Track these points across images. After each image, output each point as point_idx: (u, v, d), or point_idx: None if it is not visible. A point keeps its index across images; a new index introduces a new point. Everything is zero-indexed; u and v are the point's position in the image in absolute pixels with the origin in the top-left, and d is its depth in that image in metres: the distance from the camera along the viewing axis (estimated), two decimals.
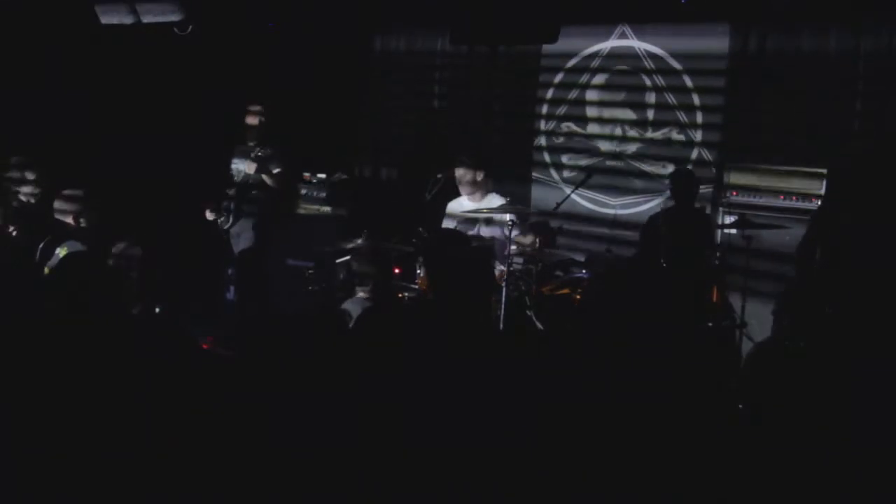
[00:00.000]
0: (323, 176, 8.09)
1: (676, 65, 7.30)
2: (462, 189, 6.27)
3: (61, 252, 4.19)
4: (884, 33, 6.36)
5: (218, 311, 7.25)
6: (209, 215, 6.76)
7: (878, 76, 6.41)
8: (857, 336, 3.88)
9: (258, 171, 6.66)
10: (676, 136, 7.36)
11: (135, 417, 2.52)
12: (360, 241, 5.72)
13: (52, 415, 2.48)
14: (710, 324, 5.64)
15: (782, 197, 6.42)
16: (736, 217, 6.19)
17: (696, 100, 7.25)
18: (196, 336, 3.75)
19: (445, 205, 6.44)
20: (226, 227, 6.77)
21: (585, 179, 6.96)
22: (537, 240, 5.83)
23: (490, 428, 2.55)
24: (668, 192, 7.05)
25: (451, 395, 2.67)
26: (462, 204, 6.33)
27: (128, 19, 6.57)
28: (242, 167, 6.77)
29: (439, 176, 6.24)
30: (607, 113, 7.70)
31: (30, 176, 5.09)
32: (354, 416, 2.55)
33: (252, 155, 6.66)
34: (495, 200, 6.23)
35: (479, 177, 6.22)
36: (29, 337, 2.75)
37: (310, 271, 6.92)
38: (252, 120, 6.81)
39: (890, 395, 2.67)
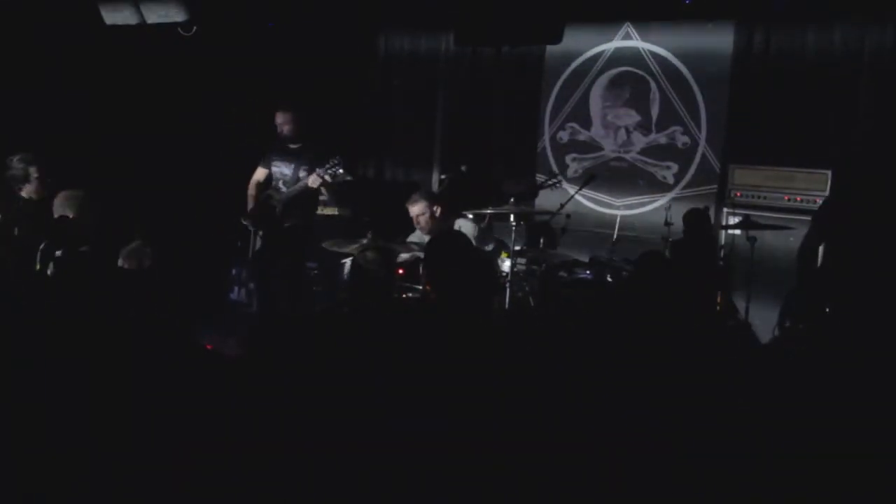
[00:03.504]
0: None
1: (680, 64, 7.29)
2: (420, 228, 5.82)
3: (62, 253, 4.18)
4: (888, 30, 6.35)
5: (222, 312, 7.25)
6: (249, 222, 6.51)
7: (882, 74, 6.40)
8: (857, 337, 3.86)
9: (323, 185, 6.15)
10: (680, 136, 7.35)
11: (135, 418, 2.51)
12: (364, 241, 5.71)
13: (51, 415, 2.47)
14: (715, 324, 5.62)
15: (787, 197, 6.41)
16: (740, 217, 6.18)
17: (699, 99, 7.23)
18: (200, 336, 3.75)
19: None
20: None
21: (589, 180, 6.95)
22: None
23: (493, 428, 2.54)
24: (672, 193, 7.06)
25: (454, 396, 2.66)
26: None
27: (132, 20, 6.57)
28: (288, 171, 6.36)
29: (443, 177, 6.23)
30: (611, 113, 7.70)
31: (32, 175, 5.08)
32: (355, 416, 2.54)
33: (323, 173, 6.06)
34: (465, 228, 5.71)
35: (437, 211, 5.76)
36: (29, 337, 2.75)
37: (314, 272, 6.91)
38: (287, 126, 6.30)
39: (889, 396, 2.66)
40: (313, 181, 6.09)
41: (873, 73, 6.43)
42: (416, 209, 5.71)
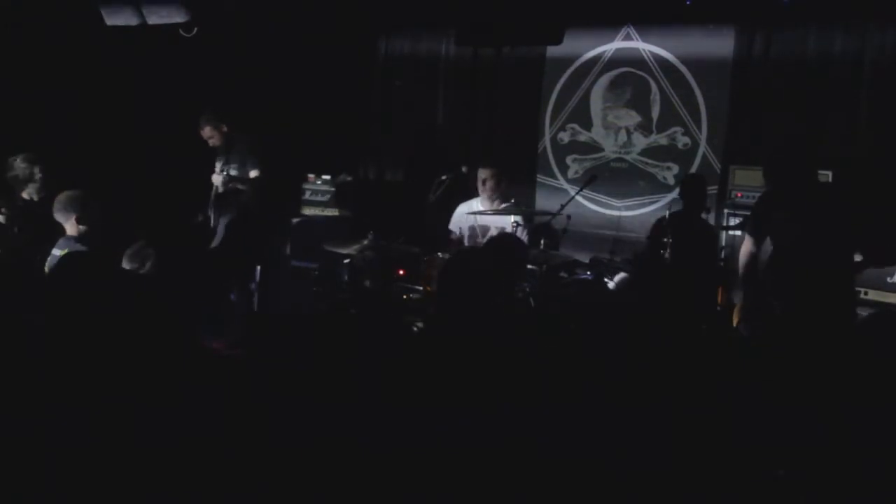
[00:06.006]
0: (328, 177, 8.11)
1: (681, 65, 7.30)
2: (483, 191, 6.15)
3: (61, 253, 4.18)
4: (889, 32, 6.35)
5: (224, 313, 7.24)
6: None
7: (883, 76, 6.40)
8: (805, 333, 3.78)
9: (225, 183, 6.66)
10: (681, 137, 7.35)
11: (136, 418, 2.51)
12: (365, 242, 5.71)
13: (52, 415, 2.48)
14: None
15: None
16: (740, 218, 6.18)
17: (700, 100, 7.24)
18: (202, 337, 3.75)
19: (449, 207, 6.42)
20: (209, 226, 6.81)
21: (590, 181, 6.94)
22: None
23: (498, 430, 2.54)
24: (673, 194, 7.05)
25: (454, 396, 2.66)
26: (472, 206, 6.21)
27: (133, 21, 6.56)
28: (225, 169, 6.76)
29: (444, 178, 6.21)
30: (612, 114, 7.70)
31: (36, 175, 5.08)
32: (357, 418, 2.55)
33: (218, 169, 6.65)
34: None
35: (503, 184, 6.14)
36: (30, 337, 2.75)
37: (315, 272, 6.91)
38: (212, 139, 6.76)
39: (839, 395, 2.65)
40: (215, 179, 6.67)
41: (874, 74, 6.43)
42: (487, 172, 6.12)
